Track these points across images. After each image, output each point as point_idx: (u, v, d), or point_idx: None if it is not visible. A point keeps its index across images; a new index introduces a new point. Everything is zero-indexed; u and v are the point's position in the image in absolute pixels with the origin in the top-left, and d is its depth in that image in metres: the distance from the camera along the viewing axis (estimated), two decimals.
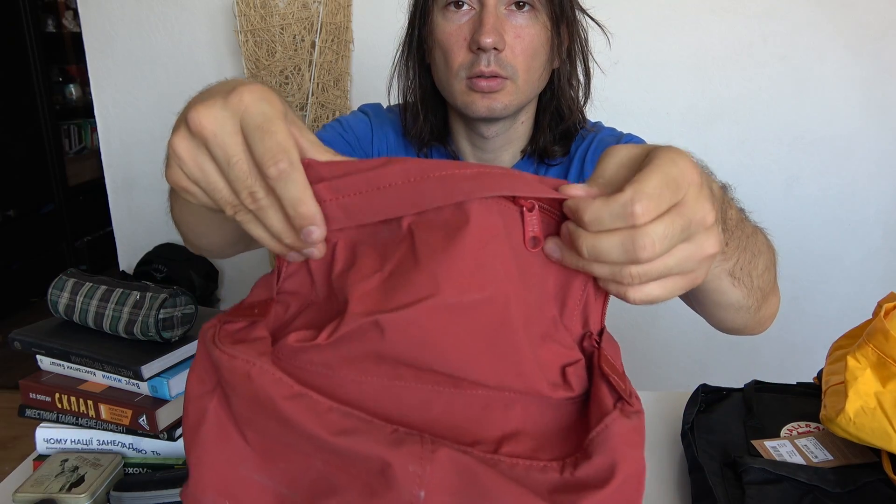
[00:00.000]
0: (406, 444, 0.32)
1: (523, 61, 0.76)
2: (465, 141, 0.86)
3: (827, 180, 1.79)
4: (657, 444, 0.81)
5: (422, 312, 0.33)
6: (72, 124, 3.52)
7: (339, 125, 0.88)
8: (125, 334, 0.72)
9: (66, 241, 3.40)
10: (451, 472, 0.32)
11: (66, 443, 0.72)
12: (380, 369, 0.35)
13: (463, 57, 0.75)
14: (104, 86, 1.96)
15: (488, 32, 0.72)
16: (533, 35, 0.75)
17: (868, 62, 1.70)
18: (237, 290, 2.09)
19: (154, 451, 0.72)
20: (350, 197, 0.35)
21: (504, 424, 0.35)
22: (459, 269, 0.34)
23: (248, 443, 0.35)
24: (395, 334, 0.34)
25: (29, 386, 0.73)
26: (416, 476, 0.31)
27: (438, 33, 0.77)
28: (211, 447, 0.35)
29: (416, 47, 0.82)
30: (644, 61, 1.75)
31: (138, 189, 2.03)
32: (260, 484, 0.35)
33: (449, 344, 0.34)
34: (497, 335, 0.35)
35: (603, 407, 0.34)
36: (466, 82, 0.76)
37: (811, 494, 0.63)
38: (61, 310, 0.74)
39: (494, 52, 0.74)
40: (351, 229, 0.37)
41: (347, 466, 0.33)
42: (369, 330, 0.34)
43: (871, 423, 0.65)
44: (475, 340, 0.34)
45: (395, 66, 0.86)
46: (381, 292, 0.35)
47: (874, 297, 0.74)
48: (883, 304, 0.71)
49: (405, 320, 0.33)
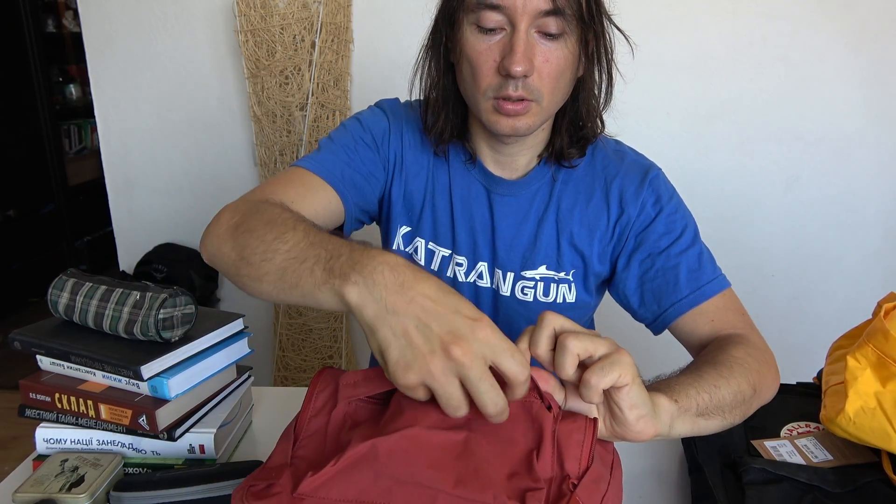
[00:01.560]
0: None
1: (549, 84, 0.75)
2: (483, 143, 0.87)
3: (827, 180, 1.79)
4: (657, 444, 0.81)
5: (405, 437, 0.47)
6: (72, 124, 3.52)
7: (358, 125, 0.88)
8: (125, 334, 0.72)
9: (66, 241, 3.40)
10: None
11: (66, 443, 0.72)
12: (378, 487, 0.46)
13: (491, 79, 0.75)
14: (104, 86, 1.96)
15: (519, 62, 0.71)
16: (560, 58, 0.75)
17: (868, 62, 1.70)
18: (237, 291, 2.09)
19: (154, 451, 0.72)
20: None
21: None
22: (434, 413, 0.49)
23: None
24: (386, 454, 0.46)
25: (29, 386, 0.73)
26: None
27: (468, 49, 0.76)
28: None
29: (441, 49, 0.81)
30: (644, 61, 1.75)
31: (138, 189, 2.03)
32: None
33: (425, 461, 0.46)
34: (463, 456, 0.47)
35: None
36: (493, 102, 0.76)
37: (811, 494, 0.64)
38: (61, 310, 0.74)
39: (523, 78, 0.73)
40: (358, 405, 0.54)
41: None
42: (368, 452, 0.47)
43: (871, 423, 0.65)
44: (446, 460, 0.47)
45: (418, 62, 0.85)
46: (377, 431, 0.49)
47: (874, 297, 0.74)
48: (883, 304, 0.71)
49: (393, 442, 0.47)
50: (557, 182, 0.87)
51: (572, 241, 0.86)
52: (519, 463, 0.48)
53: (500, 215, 0.87)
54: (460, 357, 0.45)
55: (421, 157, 0.89)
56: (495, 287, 0.89)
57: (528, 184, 0.87)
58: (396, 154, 0.89)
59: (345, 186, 0.83)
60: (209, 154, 1.98)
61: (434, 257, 0.90)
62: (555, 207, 0.86)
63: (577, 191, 0.87)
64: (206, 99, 1.92)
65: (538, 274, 0.87)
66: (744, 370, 0.68)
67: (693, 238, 0.84)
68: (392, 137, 0.88)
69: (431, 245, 0.90)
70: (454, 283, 0.90)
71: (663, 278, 0.82)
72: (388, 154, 0.88)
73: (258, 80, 1.79)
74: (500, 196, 0.87)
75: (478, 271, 0.89)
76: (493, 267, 0.89)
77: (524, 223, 0.87)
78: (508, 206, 0.87)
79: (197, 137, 1.97)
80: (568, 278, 0.88)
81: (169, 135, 1.98)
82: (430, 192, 0.89)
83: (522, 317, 0.89)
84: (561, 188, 0.87)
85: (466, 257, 0.89)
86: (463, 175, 0.88)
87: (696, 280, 0.81)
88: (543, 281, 0.88)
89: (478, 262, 0.89)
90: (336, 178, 0.82)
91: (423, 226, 0.89)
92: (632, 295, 0.86)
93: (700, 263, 0.82)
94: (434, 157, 0.89)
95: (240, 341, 0.80)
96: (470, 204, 0.88)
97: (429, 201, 0.89)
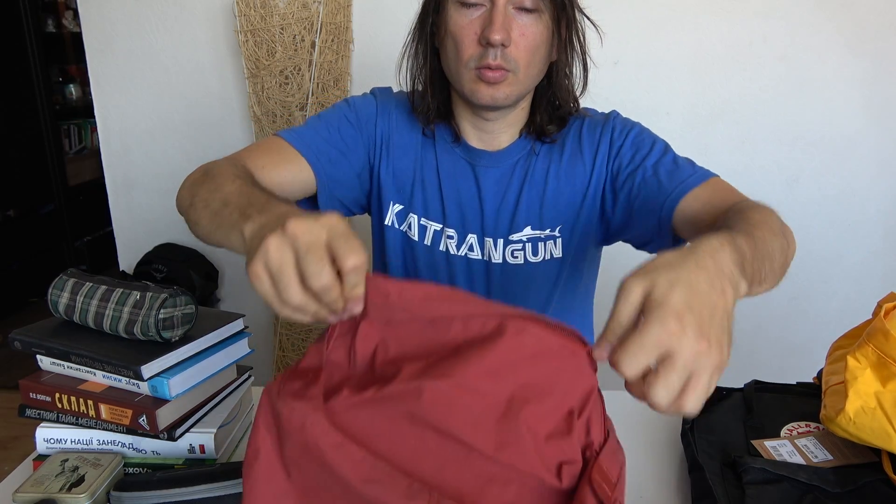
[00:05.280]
0: (417, 498, 0.42)
1: (525, 57, 0.82)
2: (467, 122, 0.93)
3: (827, 180, 1.79)
4: (657, 444, 0.81)
5: (452, 386, 0.44)
6: (72, 124, 3.51)
7: (345, 105, 0.95)
8: (125, 334, 0.72)
9: (66, 241, 3.40)
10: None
11: (66, 443, 0.72)
12: (411, 430, 0.44)
13: (473, 50, 0.82)
14: (104, 86, 1.96)
15: (498, 30, 0.79)
16: (536, 34, 0.82)
17: (868, 62, 1.70)
18: (237, 291, 2.09)
19: (154, 451, 0.72)
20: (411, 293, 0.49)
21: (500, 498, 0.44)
22: (486, 364, 0.45)
23: (291, 481, 0.46)
24: (430, 398, 0.44)
25: (29, 386, 0.73)
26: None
27: (451, 25, 0.83)
28: (261, 484, 0.46)
29: (427, 33, 0.88)
30: (644, 61, 1.75)
31: (138, 189, 2.03)
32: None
33: (468, 416, 0.44)
34: (508, 420, 0.44)
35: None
36: (475, 72, 0.83)
37: (811, 494, 0.64)
38: (61, 310, 0.74)
39: (501, 47, 0.80)
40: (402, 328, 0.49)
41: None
42: (411, 392, 0.44)
43: (871, 423, 0.65)
44: (489, 420, 0.44)
45: (406, 47, 0.92)
46: (426, 370, 0.46)
47: (874, 297, 0.74)
48: (883, 304, 0.71)
49: (440, 389, 0.44)
50: (539, 154, 0.93)
51: (555, 197, 0.91)
52: (560, 422, 0.46)
53: (485, 186, 0.92)
54: (293, 229, 0.46)
55: (409, 138, 0.95)
56: (486, 258, 0.94)
57: (509, 154, 0.93)
58: (384, 134, 0.94)
59: (318, 159, 0.88)
60: (209, 154, 1.97)
61: (427, 232, 0.95)
62: (533, 171, 0.92)
63: (553, 152, 0.93)
64: (206, 99, 1.92)
65: (524, 235, 0.92)
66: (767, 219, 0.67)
67: (664, 149, 0.88)
68: (380, 119, 0.94)
69: (423, 220, 0.95)
70: (447, 258, 0.95)
71: (646, 188, 0.85)
72: (373, 134, 0.94)
73: (258, 80, 1.79)
74: (485, 168, 0.93)
75: (468, 243, 0.94)
76: (482, 237, 0.94)
77: (508, 190, 0.92)
78: (492, 177, 0.93)
79: (197, 137, 1.97)
80: (554, 234, 0.92)
81: (169, 135, 1.98)
82: (420, 170, 0.94)
83: (516, 282, 0.94)
84: (540, 157, 0.93)
85: (456, 230, 0.94)
86: (449, 153, 0.94)
87: (678, 176, 0.83)
88: (531, 242, 0.92)
89: (467, 234, 0.94)
90: (310, 151, 0.88)
91: (415, 202, 0.95)
92: (630, 223, 0.89)
93: (677, 165, 0.85)
94: (422, 137, 0.95)
95: (240, 341, 0.80)
96: (456, 179, 0.93)
97: (418, 179, 0.94)
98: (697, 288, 0.44)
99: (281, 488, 0.46)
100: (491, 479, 0.43)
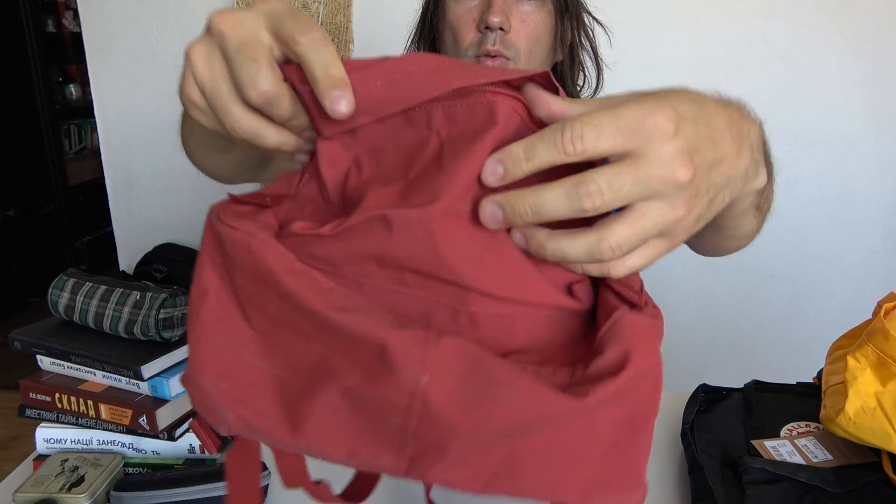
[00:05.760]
0: (409, 328, 0.30)
1: (526, 45, 0.80)
2: None
3: (827, 180, 1.79)
4: (657, 444, 0.81)
5: (432, 214, 0.31)
6: (72, 124, 3.51)
7: None
8: (125, 334, 0.72)
9: (66, 241, 3.40)
10: (458, 358, 0.30)
11: (66, 443, 0.72)
12: (383, 273, 0.33)
13: (472, 37, 0.80)
14: (104, 86, 1.96)
15: (496, 13, 0.77)
16: (538, 21, 0.80)
17: (868, 62, 1.70)
18: None
19: (154, 450, 0.72)
20: (369, 84, 0.33)
21: (508, 342, 0.33)
22: (464, 174, 0.32)
23: (251, 324, 0.34)
24: (402, 232, 0.32)
25: (29, 386, 0.73)
26: (418, 360, 0.29)
27: (450, 15, 0.82)
28: (212, 328, 0.34)
29: (427, 32, 0.88)
30: (644, 61, 1.75)
31: (138, 189, 2.03)
32: (260, 368, 0.33)
33: (455, 249, 0.32)
34: (505, 245, 0.33)
35: (610, 308, 0.32)
36: (473, 60, 0.80)
37: (811, 494, 0.63)
38: (61, 310, 0.74)
39: (500, 32, 0.78)
40: (373, 137, 0.35)
41: (348, 349, 0.31)
42: (377, 225, 0.32)
43: (871, 423, 0.65)
44: (482, 248, 0.33)
45: (407, 49, 0.91)
46: (400, 196, 0.33)
47: (874, 297, 0.74)
48: (883, 304, 0.71)
49: (413, 219, 0.32)
50: None
51: None
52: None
53: None
54: (217, 25, 0.32)
55: None
56: None
57: None
58: None
59: None
60: None
61: None
62: None
63: None
64: None
65: None
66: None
67: None
68: None
69: None
70: None
71: None
72: None
73: None
74: None
75: None
76: None
77: None
78: None
79: None
80: None
81: (169, 135, 1.97)
82: None
83: None
84: None
85: None
86: None
87: None
88: None
89: None
90: None
91: None
92: None
93: None
94: None
95: None
96: None
97: None
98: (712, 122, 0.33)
99: (239, 336, 0.34)
100: (490, 324, 0.33)
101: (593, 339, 0.32)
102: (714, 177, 0.33)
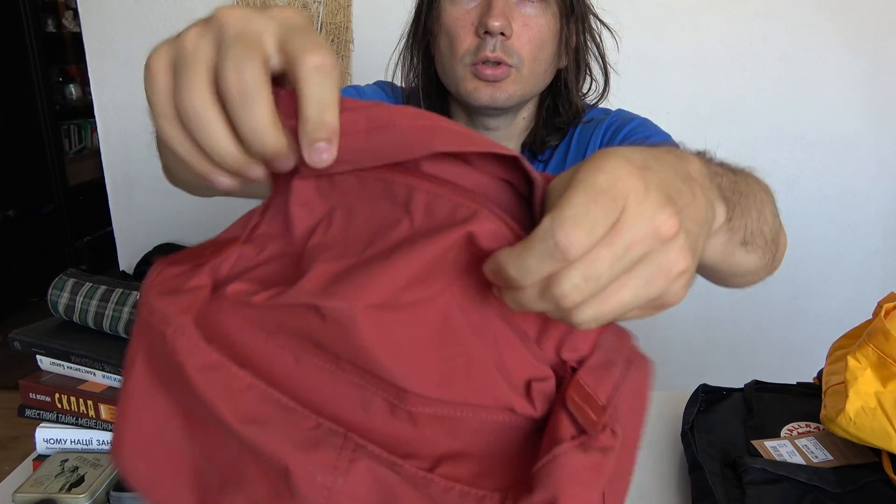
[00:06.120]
0: (321, 448, 0.28)
1: (529, 51, 0.74)
2: None
3: (827, 180, 1.79)
4: (657, 444, 0.81)
5: (359, 310, 0.28)
6: (72, 124, 3.51)
7: (355, 92, 0.86)
8: (125, 334, 0.72)
9: (66, 241, 3.40)
10: (368, 490, 0.28)
11: (66, 443, 0.72)
12: (321, 353, 0.30)
13: (469, 42, 0.73)
14: (104, 86, 1.96)
15: (497, 16, 0.70)
16: (542, 26, 0.74)
17: (868, 62, 1.70)
18: None
19: None
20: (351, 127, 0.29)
21: (449, 442, 0.30)
22: (408, 268, 0.29)
23: (176, 401, 0.31)
24: (333, 325, 0.29)
25: (29, 386, 0.73)
26: (324, 488, 0.28)
27: (445, 18, 0.75)
28: (136, 400, 0.31)
29: (420, 35, 0.81)
30: (644, 61, 1.75)
31: (138, 189, 2.03)
32: (181, 451, 0.31)
33: (384, 346, 0.29)
34: (445, 340, 0.30)
35: (556, 437, 0.29)
36: (471, 68, 0.74)
37: (811, 494, 0.63)
38: (61, 310, 0.74)
39: (501, 37, 0.72)
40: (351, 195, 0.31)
41: (258, 460, 0.29)
42: (310, 311, 0.29)
43: (872, 423, 0.65)
44: (421, 346, 0.29)
45: (400, 54, 0.84)
46: (340, 277, 0.29)
47: (874, 297, 0.74)
48: (883, 304, 0.71)
49: (343, 315, 0.28)
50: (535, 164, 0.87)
51: None
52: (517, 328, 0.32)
53: None
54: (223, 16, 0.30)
55: None
56: None
57: None
58: None
59: None
60: None
61: None
62: None
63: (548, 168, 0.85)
64: None
65: None
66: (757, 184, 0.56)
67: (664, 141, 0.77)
68: None
69: None
70: None
71: None
72: None
73: None
74: None
75: None
76: None
77: None
78: None
79: None
80: None
81: None
82: None
83: None
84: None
85: None
86: None
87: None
88: None
89: None
90: None
91: None
92: None
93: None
94: None
95: None
96: None
97: None
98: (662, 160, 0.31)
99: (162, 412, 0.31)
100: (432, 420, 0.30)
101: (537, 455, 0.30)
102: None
